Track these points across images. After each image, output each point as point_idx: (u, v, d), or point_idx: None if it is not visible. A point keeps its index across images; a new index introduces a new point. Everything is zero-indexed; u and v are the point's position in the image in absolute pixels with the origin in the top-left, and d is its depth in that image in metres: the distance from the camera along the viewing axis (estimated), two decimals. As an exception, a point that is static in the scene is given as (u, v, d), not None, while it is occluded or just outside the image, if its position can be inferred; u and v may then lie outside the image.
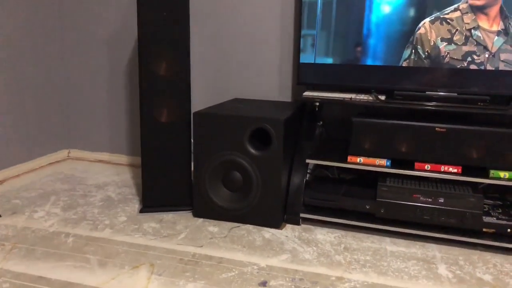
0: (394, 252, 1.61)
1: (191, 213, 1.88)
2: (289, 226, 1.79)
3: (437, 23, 1.74)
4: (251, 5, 2.15)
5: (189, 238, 1.67)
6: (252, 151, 1.72)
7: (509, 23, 1.67)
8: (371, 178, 1.87)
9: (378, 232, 1.74)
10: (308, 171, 1.97)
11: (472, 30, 1.70)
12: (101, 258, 1.50)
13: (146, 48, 1.78)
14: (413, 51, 1.78)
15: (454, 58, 1.74)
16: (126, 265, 1.47)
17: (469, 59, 1.72)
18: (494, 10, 1.69)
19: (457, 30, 1.73)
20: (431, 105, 1.75)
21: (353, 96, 1.84)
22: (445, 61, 1.75)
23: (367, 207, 1.74)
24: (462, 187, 1.70)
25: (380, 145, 1.75)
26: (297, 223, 1.80)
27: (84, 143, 2.61)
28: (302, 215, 1.79)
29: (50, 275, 1.40)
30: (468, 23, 1.70)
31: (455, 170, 1.68)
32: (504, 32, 1.67)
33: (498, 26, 1.69)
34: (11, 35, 2.19)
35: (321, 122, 2.03)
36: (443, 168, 1.70)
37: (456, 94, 1.76)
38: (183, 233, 1.71)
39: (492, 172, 1.65)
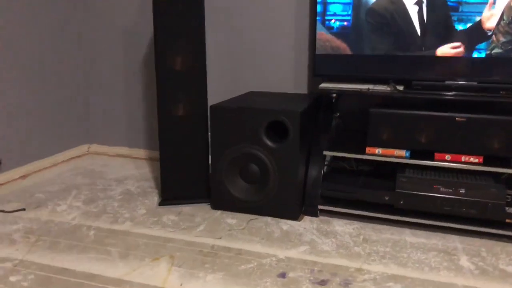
0: (414, 243, 1.59)
1: (209, 205, 1.89)
2: (307, 218, 1.79)
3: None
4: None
5: (207, 230, 1.68)
6: (269, 143, 1.72)
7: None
8: (389, 170, 1.85)
9: (398, 223, 1.73)
10: (325, 163, 1.96)
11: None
12: (122, 251, 1.53)
13: (162, 42, 1.79)
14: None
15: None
16: (146, 257, 1.49)
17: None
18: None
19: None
20: (450, 94, 1.71)
21: (370, 87, 1.82)
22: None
23: (386, 199, 1.72)
24: (483, 177, 1.66)
25: (399, 136, 1.72)
26: (315, 215, 1.80)
27: (104, 138, 2.65)
28: (320, 207, 1.79)
29: (74, 267, 1.43)
30: None
31: (476, 160, 1.65)
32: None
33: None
34: (29, 31, 2.23)
35: (338, 114, 2.01)
36: (463, 158, 1.67)
37: (476, 83, 1.72)
38: (201, 225, 1.73)
39: (515, 162, 1.62)
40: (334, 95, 1.87)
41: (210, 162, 1.86)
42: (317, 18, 1.85)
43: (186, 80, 1.82)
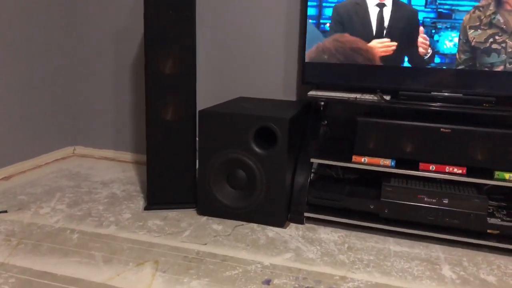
0: (398, 252, 1.61)
1: (195, 211, 1.88)
2: (293, 225, 1.80)
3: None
4: (256, 4, 2.15)
5: (193, 236, 1.67)
6: (257, 149, 1.73)
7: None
8: (375, 178, 1.87)
9: (382, 232, 1.74)
10: (312, 170, 1.98)
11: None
12: (106, 255, 1.51)
13: (152, 46, 1.79)
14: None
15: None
16: (130, 262, 1.47)
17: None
18: None
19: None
20: (436, 105, 1.75)
21: (358, 95, 1.84)
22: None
23: (371, 207, 1.74)
24: (466, 188, 1.69)
25: (385, 145, 1.75)
26: (301, 222, 1.80)
27: (90, 140, 2.63)
28: (306, 214, 1.80)
29: (56, 271, 1.41)
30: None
31: (460, 171, 1.68)
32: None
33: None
34: (17, 32, 2.21)
35: (326, 122, 2.03)
36: (447, 168, 1.70)
37: (461, 95, 1.75)
38: (187, 230, 1.72)
39: (497, 173, 1.64)
40: (322, 102, 1.89)
41: (197, 167, 1.85)
42: (312, 21, 1.87)
43: (175, 84, 1.82)
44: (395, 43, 1.79)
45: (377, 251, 1.61)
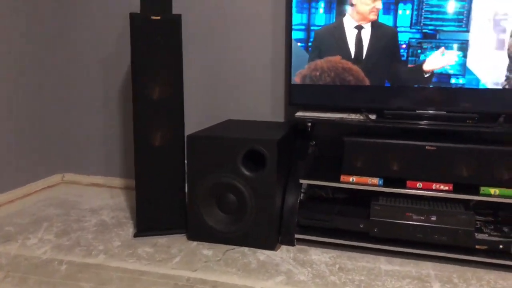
0: (389, 271, 1.61)
1: (185, 236, 1.87)
2: (284, 247, 1.79)
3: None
4: (243, 27, 2.20)
5: (183, 262, 1.66)
6: (246, 172, 1.74)
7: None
8: (364, 197, 1.88)
9: (373, 251, 1.75)
10: (302, 191, 1.98)
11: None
12: (95, 286, 1.49)
13: (140, 72, 1.81)
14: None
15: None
16: (120, 292, 1.46)
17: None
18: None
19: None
20: (420, 123, 1.78)
21: (344, 115, 1.87)
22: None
23: (361, 226, 1.75)
24: (454, 204, 1.71)
25: (372, 164, 1.77)
26: (292, 244, 1.80)
27: (79, 166, 2.61)
28: (296, 235, 1.80)
29: (44, 304, 1.38)
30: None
31: (447, 188, 1.70)
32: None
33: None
34: (5, 58, 2.21)
35: (314, 142, 2.04)
36: (434, 186, 1.72)
37: (445, 112, 1.79)
38: (177, 257, 1.70)
39: (483, 189, 1.67)
40: (310, 123, 1.91)
41: (186, 192, 1.85)
42: (300, 45, 1.91)
43: (163, 109, 1.83)
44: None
45: (368, 270, 1.61)
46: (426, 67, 1.78)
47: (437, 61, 1.79)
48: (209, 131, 1.89)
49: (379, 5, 1.78)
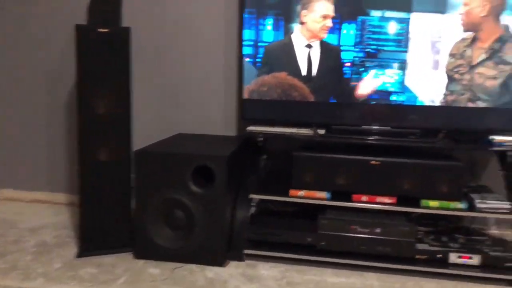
0: (335, 283, 1.64)
1: (132, 254, 1.82)
2: (233, 263, 1.78)
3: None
4: (194, 40, 2.18)
5: (128, 283, 1.60)
6: (195, 189, 1.72)
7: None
8: (313, 210, 1.91)
9: (320, 264, 1.77)
10: (253, 205, 1.99)
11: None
12: (32, 311, 1.41)
13: (85, 86, 1.75)
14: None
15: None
16: (59, 317, 1.38)
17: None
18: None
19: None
20: (366, 139, 1.84)
21: (294, 130, 1.90)
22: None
23: (309, 240, 1.77)
24: (397, 216, 1.77)
25: (320, 178, 1.80)
26: (241, 260, 1.79)
27: (19, 182, 2.47)
28: (246, 251, 1.79)
29: (-27, 334, 1.29)
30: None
31: (390, 201, 1.77)
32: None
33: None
34: None
35: (266, 156, 2.05)
36: (378, 199, 1.78)
37: (389, 128, 1.87)
38: (122, 277, 1.64)
39: (423, 202, 1.75)
40: (261, 138, 1.92)
41: (133, 208, 1.80)
42: (249, 60, 1.93)
43: (109, 124, 1.78)
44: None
45: (315, 284, 1.63)
46: (359, 92, 1.86)
47: (369, 84, 1.86)
48: (158, 146, 1.85)
49: (330, 23, 1.85)
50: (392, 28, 1.81)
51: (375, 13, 1.80)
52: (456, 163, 1.74)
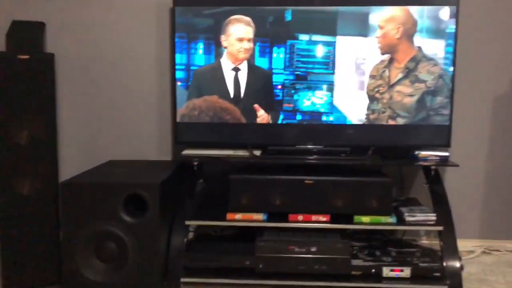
0: (275, 306, 1.65)
1: (60, 291, 1.72)
2: (170, 293, 1.73)
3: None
4: (126, 63, 2.13)
5: (56, 323, 1.51)
6: (127, 218, 1.66)
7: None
8: (252, 232, 1.90)
9: (260, 287, 1.76)
10: (191, 230, 1.95)
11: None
12: None
13: (4, 116, 1.65)
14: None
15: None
16: None
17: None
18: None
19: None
20: (300, 158, 1.88)
21: (231, 152, 1.90)
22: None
23: (247, 263, 1.76)
24: (332, 234, 1.81)
25: (257, 200, 1.81)
26: (178, 288, 1.75)
27: None
28: (183, 279, 1.75)
29: None
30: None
31: (325, 219, 1.80)
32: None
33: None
34: None
35: (202, 180, 2.03)
36: (314, 217, 1.81)
37: (322, 146, 1.92)
38: (50, 317, 1.55)
39: (356, 218, 1.80)
40: (196, 162, 1.90)
41: (61, 242, 1.70)
42: (181, 84, 1.91)
43: (33, 154, 1.69)
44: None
45: (255, 308, 1.63)
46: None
47: (263, 117, 1.92)
48: (87, 175, 1.78)
49: (247, 45, 1.88)
50: (320, 51, 1.87)
51: (303, 37, 1.87)
52: (385, 179, 1.82)
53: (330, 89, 1.89)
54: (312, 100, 1.90)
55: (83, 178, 1.73)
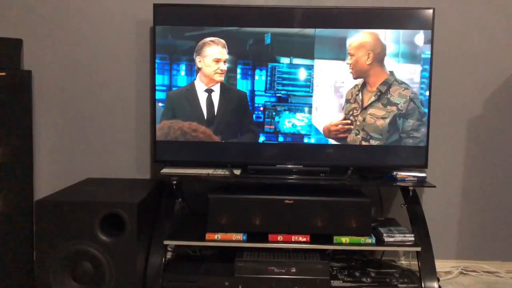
0: (253, 328, 1.62)
1: (33, 314, 1.66)
2: (147, 315, 1.69)
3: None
4: (105, 80, 2.11)
5: None
6: (104, 238, 1.63)
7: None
8: (231, 252, 1.89)
9: (239, 308, 1.74)
10: (170, 250, 1.93)
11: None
12: None
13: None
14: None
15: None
16: None
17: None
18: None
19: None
20: (280, 178, 1.89)
21: (211, 171, 1.90)
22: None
23: (226, 284, 1.73)
24: (311, 254, 1.81)
25: (237, 220, 1.80)
26: (156, 310, 1.71)
27: None
28: (160, 301, 1.72)
29: None
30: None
31: (304, 239, 1.81)
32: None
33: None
34: None
35: (180, 199, 2.01)
36: (293, 238, 1.81)
37: (302, 166, 1.93)
38: None
39: (336, 238, 1.81)
40: (175, 181, 1.89)
41: (35, 264, 1.66)
42: (162, 105, 1.91)
43: (7, 172, 1.66)
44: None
45: (233, 330, 1.60)
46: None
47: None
48: (63, 194, 1.75)
49: (224, 66, 1.91)
50: (300, 74, 1.91)
51: (284, 60, 1.90)
52: (364, 199, 1.84)
53: (310, 111, 1.92)
54: (293, 122, 1.93)
55: (58, 196, 1.70)
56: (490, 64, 2.11)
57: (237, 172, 1.91)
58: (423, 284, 1.76)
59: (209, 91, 1.92)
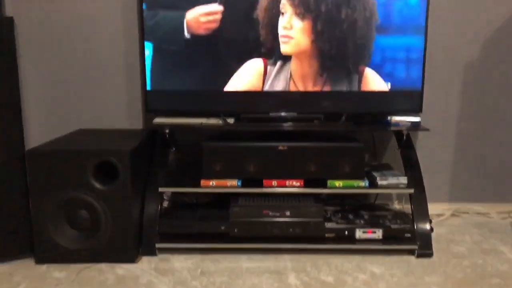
0: (250, 268, 1.66)
1: (33, 260, 1.69)
2: (145, 259, 1.73)
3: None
4: (92, 26, 2.04)
5: (28, 290, 1.50)
6: (98, 186, 1.63)
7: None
8: (227, 199, 1.91)
9: (235, 251, 1.78)
10: (166, 198, 1.95)
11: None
12: None
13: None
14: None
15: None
16: None
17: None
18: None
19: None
20: (273, 125, 1.88)
21: (204, 120, 1.89)
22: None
23: (222, 228, 1.77)
24: (305, 198, 1.84)
25: (231, 167, 1.81)
26: (154, 254, 1.75)
27: None
28: (158, 245, 1.75)
29: None
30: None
31: (298, 184, 1.82)
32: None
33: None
34: None
35: (174, 149, 2.01)
36: (288, 183, 1.82)
37: (295, 114, 1.92)
38: (21, 284, 1.52)
39: (329, 182, 1.83)
40: (167, 130, 1.88)
41: (31, 212, 1.67)
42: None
43: (-4, 122, 1.63)
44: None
45: (230, 271, 1.64)
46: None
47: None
48: (55, 144, 1.74)
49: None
50: None
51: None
52: (357, 144, 1.84)
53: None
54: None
55: (50, 146, 1.69)
56: (488, 6, 2.05)
57: (230, 121, 1.90)
58: (415, 225, 1.80)
59: None
